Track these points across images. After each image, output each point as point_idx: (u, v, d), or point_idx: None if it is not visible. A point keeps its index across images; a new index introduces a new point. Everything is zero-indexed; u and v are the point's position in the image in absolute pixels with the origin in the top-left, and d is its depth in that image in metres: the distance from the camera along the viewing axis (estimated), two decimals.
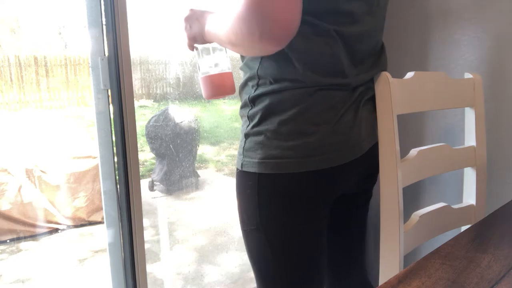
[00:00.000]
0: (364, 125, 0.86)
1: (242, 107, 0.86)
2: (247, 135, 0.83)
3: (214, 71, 0.91)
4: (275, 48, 0.69)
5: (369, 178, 1.00)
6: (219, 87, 0.90)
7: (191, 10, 0.90)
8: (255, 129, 0.81)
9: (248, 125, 0.83)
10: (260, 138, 0.80)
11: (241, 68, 0.89)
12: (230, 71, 0.92)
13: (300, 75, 0.78)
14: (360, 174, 0.92)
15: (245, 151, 0.82)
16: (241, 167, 0.83)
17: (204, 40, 0.88)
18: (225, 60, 0.93)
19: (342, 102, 0.82)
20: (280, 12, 0.63)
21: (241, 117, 0.88)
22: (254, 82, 0.82)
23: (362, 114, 0.85)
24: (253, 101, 0.82)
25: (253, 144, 0.81)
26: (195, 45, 0.92)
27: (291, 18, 0.65)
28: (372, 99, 0.90)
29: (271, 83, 0.80)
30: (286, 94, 0.79)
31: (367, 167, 0.94)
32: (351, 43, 0.80)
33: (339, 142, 0.81)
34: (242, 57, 0.88)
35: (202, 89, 0.93)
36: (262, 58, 0.80)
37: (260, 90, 0.81)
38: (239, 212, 0.89)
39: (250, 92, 0.83)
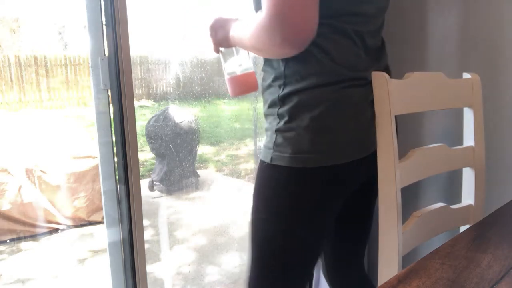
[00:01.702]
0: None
1: (270, 106, 0.90)
2: (277, 131, 0.88)
3: (239, 71, 1.02)
4: (295, 52, 0.77)
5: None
6: (245, 85, 1.01)
7: (215, 19, 0.99)
8: (287, 125, 0.86)
9: (279, 122, 0.87)
10: (291, 134, 0.85)
11: (263, 70, 0.94)
12: (253, 70, 1.02)
13: (327, 70, 0.84)
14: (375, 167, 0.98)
15: (275, 145, 0.88)
16: (271, 161, 0.88)
17: (229, 45, 0.97)
18: (248, 61, 1.02)
19: (363, 98, 0.88)
20: (299, 20, 0.71)
21: (267, 115, 0.92)
22: (281, 81, 0.87)
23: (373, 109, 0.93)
24: (282, 100, 0.87)
25: (284, 140, 0.86)
26: (220, 48, 1.01)
27: (309, 25, 0.73)
28: None
29: (298, 81, 0.85)
30: (313, 92, 0.84)
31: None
32: (366, 39, 0.87)
33: (362, 137, 0.89)
34: (266, 59, 0.92)
35: (229, 88, 1.03)
36: (287, 58, 0.85)
37: (288, 88, 0.85)
38: (256, 200, 0.93)
39: (278, 91, 0.87)
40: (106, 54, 1.14)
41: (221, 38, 0.97)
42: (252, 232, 0.95)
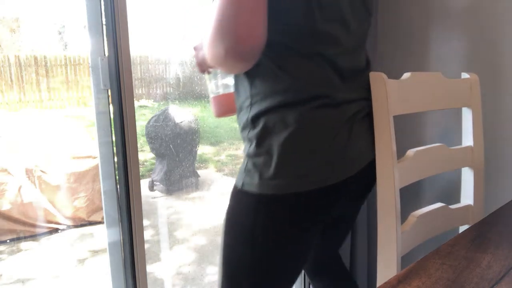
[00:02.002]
0: (360, 143, 0.87)
1: (242, 129, 0.88)
2: (248, 156, 0.85)
3: (222, 91, 1.00)
4: (244, 64, 0.73)
5: (367, 188, 1.01)
6: (227, 106, 0.98)
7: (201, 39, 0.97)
8: (256, 150, 0.83)
9: (249, 147, 0.85)
10: (260, 159, 0.82)
11: (234, 90, 0.91)
12: None
13: (292, 88, 0.80)
14: (358, 188, 0.95)
15: (246, 171, 0.85)
16: (242, 186, 0.85)
17: (208, 66, 0.95)
18: (232, 81, 0.99)
19: (335, 120, 0.83)
20: (241, 31, 0.68)
21: (243, 139, 0.90)
22: (249, 102, 0.84)
23: (357, 131, 0.86)
24: (251, 122, 0.84)
25: (253, 166, 0.83)
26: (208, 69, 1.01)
27: (252, 36, 0.69)
28: (368, 116, 0.90)
29: (263, 100, 0.82)
30: (280, 113, 0.81)
31: (365, 182, 0.95)
32: (334, 61, 0.82)
33: (335, 161, 0.83)
34: (235, 80, 0.90)
35: (212, 108, 1.01)
36: (253, 78, 0.83)
37: (256, 109, 0.83)
38: (227, 226, 0.90)
39: (247, 114, 0.85)
40: (106, 54, 1.14)
41: (201, 59, 0.96)
42: (222, 257, 0.92)
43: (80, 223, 2.62)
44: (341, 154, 0.83)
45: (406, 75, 0.97)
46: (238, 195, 0.87)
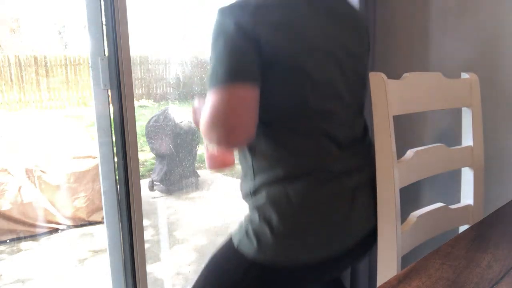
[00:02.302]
0: (361, 214, 0.89)
1: (244, 197, 0.91)
2: (250, 222, 0.86)
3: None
4: (236, 148, 0.82)
5: (368, 248, 1.00)
6: (221, 162, 1.03)
7: (199, 102, 1.00)
8: (257, 220, 0.85)
9: (251, 215, 0.87)
10: (260, 228, 0.84)
11: (238, 160, 0.94)
12: None
13: (291, 163, 0.83)
14: (358, 253, 0.95)
15: (246, 233, 0.86)
16: (238, 246, 0.86)
17: None
18: None
19: (336, 194, 0.85)
20: (234, 125, 0.74)
21: (244, 200, 0.92)
22: (251, 173, 0.87)
23: (358, 203, 0.88)
24: (254, 193, 0.87)
25: (253, 232, 0.85)
26: None
27: (244, 127, 0.75)
28: (371, 183, 0.91)
29: (265, 173, 0.84)
30: (282, 186, 0.83)
31: (366, 246, 0.95)
32: (331, 133, 0.85)
33: (335, 234, 0.84)
34: (240, 150, 0.92)
35: (206, 161, 1.05)
36: (254, 152, 0.86)
37: (258, 181, 0.85)
38: (211, 271, 0.91)
39: (250, 184, 0.88)
40: (106, 54, 1.14)
41: (199, 121, 0.98)
42: None
43: (80, 223, 2.62)
44: (342, 227, 0.85)
45: (405, 75, 0.97)
46: (232, 250, 0.88)
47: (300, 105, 0.82)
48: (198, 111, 0.99)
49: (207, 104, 0.77)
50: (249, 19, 0.77)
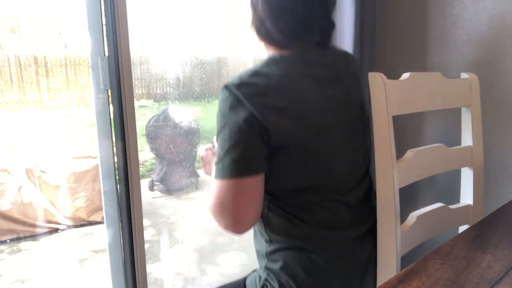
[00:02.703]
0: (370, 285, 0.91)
1: (259, 257, 0.91)
2: (265, 281, 0.88)
3: None
4: (241, 233, 0.81)
5: None
6: None
7: (207, 150, 1.02)
8: (272, 283, 0.86)
9: (266, 276, 0.88)
10: None
11: None
12: None
13: (306, 236, 0.84)
14: None
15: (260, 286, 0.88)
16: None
17: None
18: None
19: (349, 269, 0.87)
20: (238, 215, 0.78)
21: (257, 254, 0.93)
22: (267, 238, 0.88)
23: (368, 276, 0.90)
24: (269, 255, 0.87)
25: None
26: None
27: (250, 218, 0.79)
28: (375, 249, 0.92)
29: (280, 242, 0.85)
30: (298, 255, 0.84)
31: None
32: (341, 200, 0.87)
33: None
34: None
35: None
36: (268, 222, 0.86)
37: (273, 246, 0.86)
38: None
39: (265, 247, 0.88)
40: (106, 54, 1.13)
41: (209, 173, 0.99)
42: None
43: (80, 223, 2.62)
44: None
45: (405, 75, 0.96)
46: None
47: (311, 180, 0.83)
48: (207, 163, 1.01)
49: (215, 189, 0.79)
50: (257, 106, 0.75)
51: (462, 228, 1.11)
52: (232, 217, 0.78)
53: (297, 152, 0.80)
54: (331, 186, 0.85)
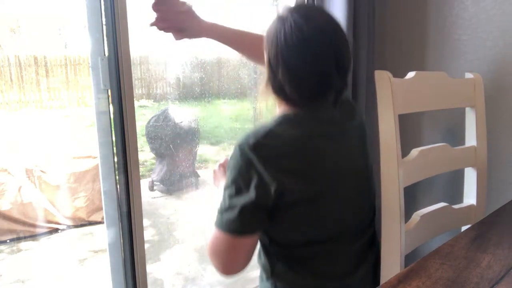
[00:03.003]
0: None
1: None
2: None
3: None
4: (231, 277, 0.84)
5: None
6: None
7: (220, 166, 1.03)
8: None
9: None
10: None
11: (257, 262, 0.95)
12: None
13: (314, 284, 0.85)
14: None
15: None
16: None
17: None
18: None
19: None
20: (232, 266, 0.82)
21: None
22: (272, 282, 0.88)
23: None
24: None
25: None
26: None
27: (241, 267, 0.82)
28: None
29: (286, 283, 0.86)
30: None
31: None
32: (346, 243, 0.87)
33: None
34: (258, 254, 0.94)
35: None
36: (273, 266, 0.87)
37: (278, 285, 0.87)
38: None
39: (270, 284, 0.89)
40: (106, 54, 1.13)
41: (217, 186, 1.01)
42: None
43: (80, 223, 2.62)
44: None
45: (410, 74, 0.96)
46: None
47: (322, 232, 0.84)
48: (217, 180, 1.02)
49: (212, 234, 0.82)
50: (271, 169, 0.75)
51: (465, 228, 1.11)
52: (223, 266, 0.82)
53: (309, 207, 0.81)
54: (340, 237, 0.86)
